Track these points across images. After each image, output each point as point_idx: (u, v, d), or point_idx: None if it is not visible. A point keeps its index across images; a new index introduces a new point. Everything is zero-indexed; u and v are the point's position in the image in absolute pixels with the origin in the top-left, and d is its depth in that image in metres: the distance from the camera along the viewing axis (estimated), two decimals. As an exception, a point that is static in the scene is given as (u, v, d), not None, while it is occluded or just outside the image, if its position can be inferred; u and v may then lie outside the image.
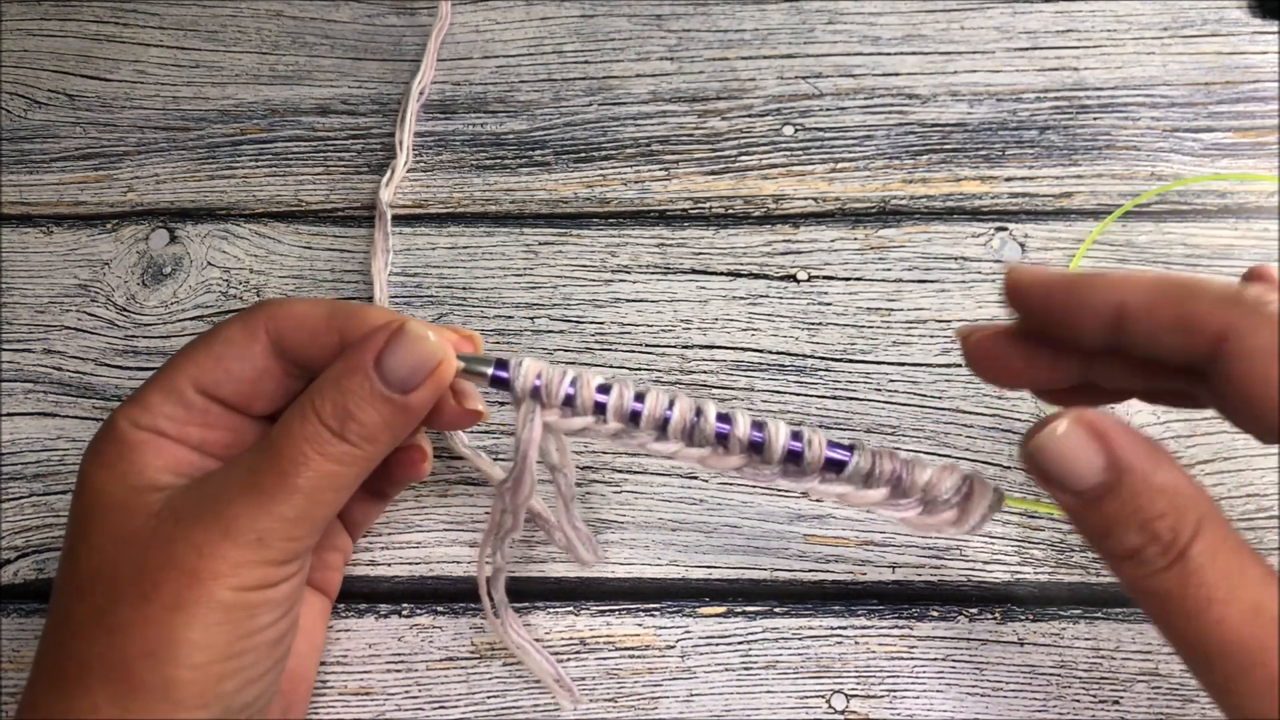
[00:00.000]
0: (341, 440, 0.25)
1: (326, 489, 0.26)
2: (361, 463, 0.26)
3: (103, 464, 0.26)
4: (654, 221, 0.41)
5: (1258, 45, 0.44)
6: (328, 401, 0.26)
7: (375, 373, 0.26)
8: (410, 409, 0.26)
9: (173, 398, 0.27)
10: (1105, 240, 0.40)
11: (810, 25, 0.45)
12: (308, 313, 0.28)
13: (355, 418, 0.25)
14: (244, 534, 0.25)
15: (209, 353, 0.27)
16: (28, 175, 0.43)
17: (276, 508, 0.25)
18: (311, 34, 0.46)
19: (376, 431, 0.26)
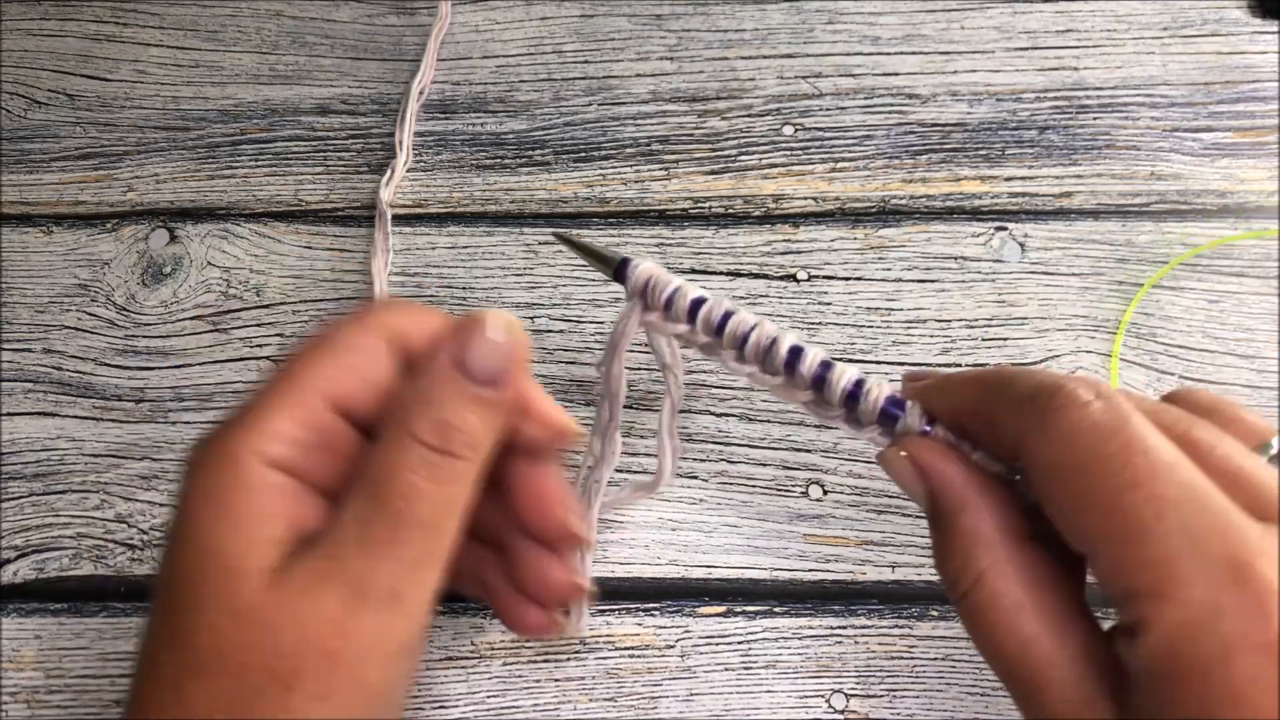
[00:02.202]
0: (449, 456, 0.23)
1: (445, 516, 0.23)
2: (472, 475, 0.24)
3: (219, 511, 0.23)
4: (654, 221, 0.41)
5: (1258, 45, 0.44)
6: (423, 420, 0.23)
7: (461, 373, 0.24)
8: (504, 402, 0.24)
9: (302, 418, 0.24)
10: (1105, 240, 0.40)
11: (810, 25, 0.45)
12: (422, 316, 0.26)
13: (456, 427, 0.23)
14: (376, 593, 0.22)
15: (337, 361, 0.24)
16: (28, 175, 0.43)
17: (399, 553, 0.22)
18: (311, 34, 0.46)
19: (479, 436, 0.24)
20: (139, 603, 0.35)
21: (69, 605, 0.35)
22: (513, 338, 0.24)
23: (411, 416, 0.23)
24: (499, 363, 0.24)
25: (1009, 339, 0.38)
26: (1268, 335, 0.38)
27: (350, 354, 0.25)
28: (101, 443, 0.37)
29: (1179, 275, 0.39)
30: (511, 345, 0.24)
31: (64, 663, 0.34)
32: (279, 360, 0.26)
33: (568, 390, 0.38)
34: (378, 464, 0.23)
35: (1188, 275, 0.39)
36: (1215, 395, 0.24)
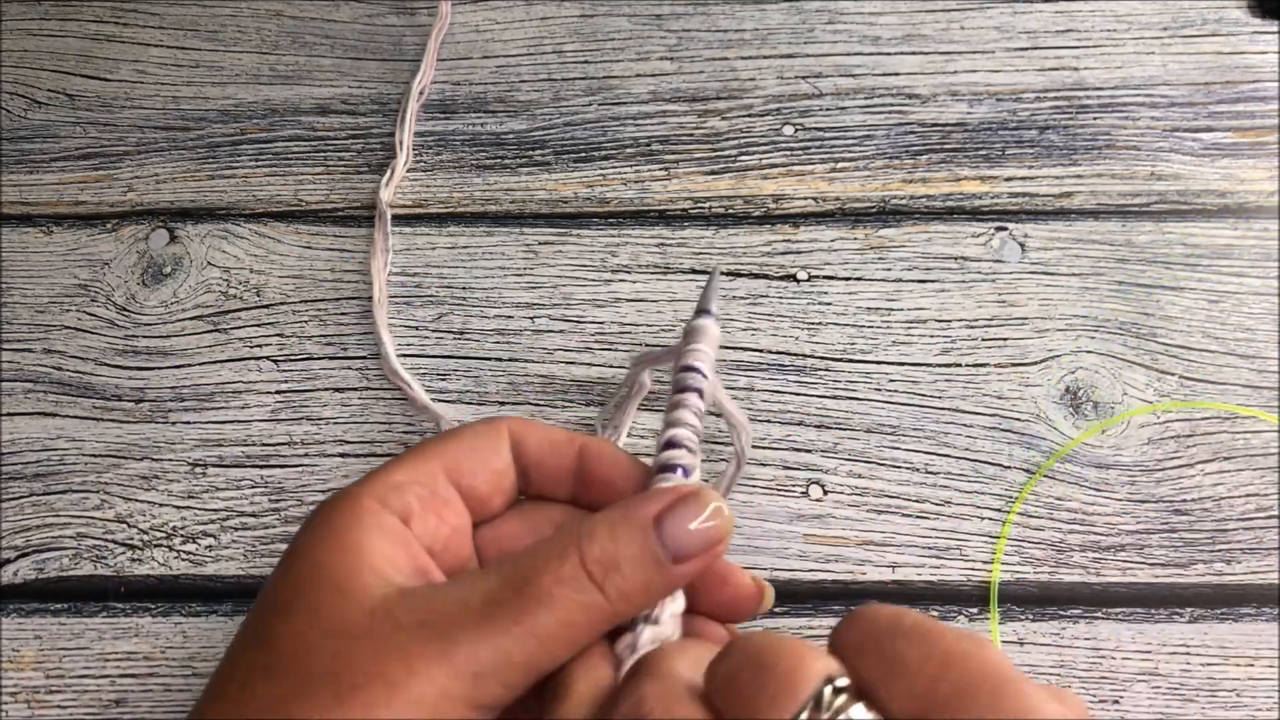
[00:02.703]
0: (598, 591, 0.23)
1: (562, 640, 0.23)
2: (606, 622, 0.24)
3: (333, 538, 0.24)
4: (654, 221, 0.41)
5: (1258, 45, 0.44)
6: (596, 545, 0.23)
7: (654, 528, 0.24)
8: (675, 577, 0.24)
9: (419, 477, 0.25)
10: (1105, 240, 0.40)
11: (810, 25, 0.45)
12: (546, 429, 0.28)
13: (621, 571, 0.23)
14: (463, 664, 0.22)
15: (459, 443, 0.27)
16: (28, 175, 0.43)
17: (506, 645, 0.22)
18: (311, 34, 0.46)
19: (635, 592, 0.24)
20: (139, 603, 0.35)
21: (69, 605, 0.35)
22: (723, 530, 0.24)
23: (589, 537, 0.24)
24: (696, 547, 0.24)
25: (1009, 339, 0.38)
26: (1268, 335, 0.38)
27: (470, 439, 0.27)
28: (101, 443, 0.37)
29: (1179, 275, 0.39)
30: (717, 533, 0.24)
31: (64, 663, 0.34)
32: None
33: (567, 390, 0.38)
34: (533, 557, 0.24)
35: (1188, 275, 0.39)
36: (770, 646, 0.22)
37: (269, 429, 0.37)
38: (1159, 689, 0.33)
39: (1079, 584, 0.34)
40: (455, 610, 0.23)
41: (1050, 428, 0.36)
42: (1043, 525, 0.35)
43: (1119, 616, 0.34)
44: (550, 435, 0.28)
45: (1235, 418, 0.37)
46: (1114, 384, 0.37)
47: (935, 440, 0.36)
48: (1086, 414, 0.37)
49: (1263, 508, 0.35)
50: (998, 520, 0.35)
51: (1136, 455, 0.36)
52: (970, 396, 0.37)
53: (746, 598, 0.27)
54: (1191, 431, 0.36)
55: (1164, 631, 0.33)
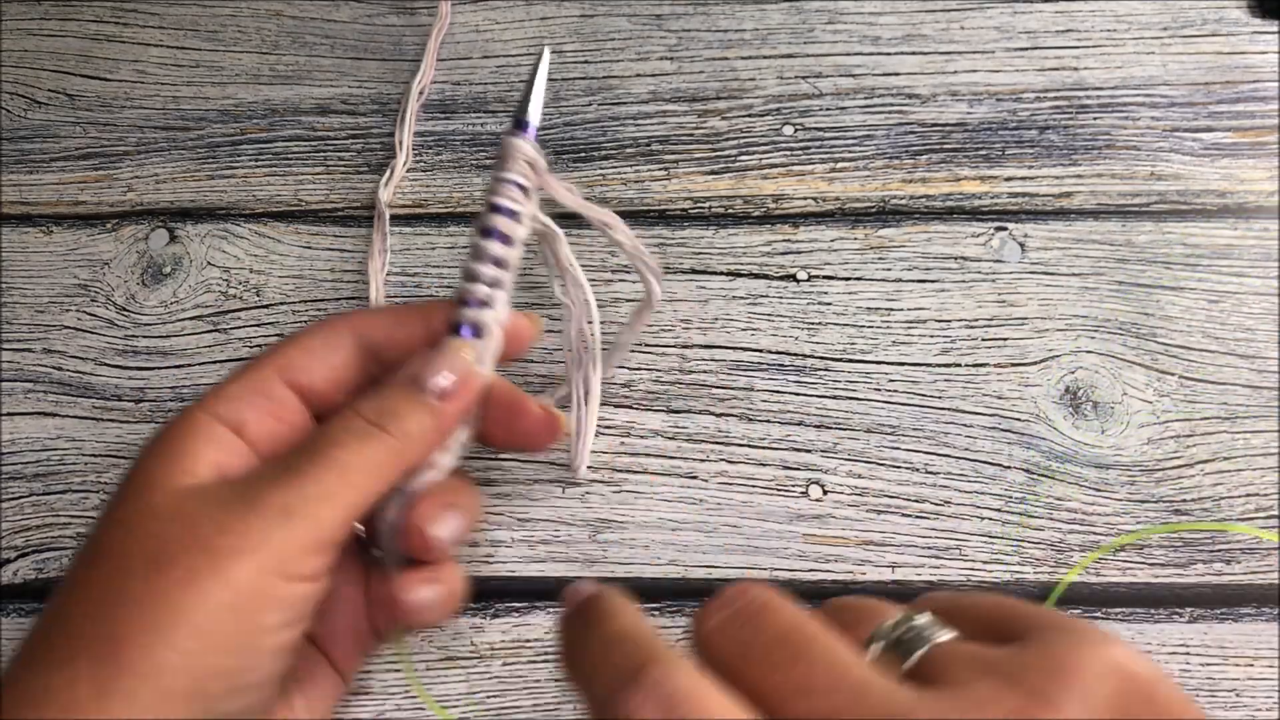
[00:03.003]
0: (381, 430, 0.27)
1: (358, 470, 0.26)
2: (396, 455, 0.27)
3: (161, 452, 0.26)
4: (654, 221, 0.41)
5: (1258, 45, 0.44)
6: (370, 403, 0.27)
7: (414, 383, 0.28)
8: (448, 413, 0.28)
9: (255, 386, 0.28)
10: (1105, 240, 0.40)
11: (810, 25, 0.45)
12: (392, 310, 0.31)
13: (396, 414, 0.27)
14: (270, 505, 0.24)
15: (296, 345, 0.29)
16: (28, 175, 0.43)
17: (307, 484, 0.25)
18: (311, 34, 0.46)
19: (416, 430, 0.27)
20: (139, 603, 0.35)
21: (69, 605, 0.35)
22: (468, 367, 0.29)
23: (363, 399, 0.28)
24: (452, 386, 0.28)
25: (1009, 339, 0.38)
26: (1268, 335, 0.38)
27: (314, 343, 0.29)
28: (101, 443, 0.37)
29: (1179, 275, 0.39)
30: (466, 372, 0.29)
31: (64, 663, 0.34)
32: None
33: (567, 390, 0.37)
34: (318, 430, 0.27)
35: (1188, 275, 0.39)
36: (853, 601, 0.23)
37: (269, 429, 0.37)
38: (1159, 689, 0.33)
39: (1079, 584, 0.34)
40: (258, 476, 0.26)
41: (1050, 428, 0.36)
42: (1043, 525, 0.35)
43: (1119, 617, 0.34)
44: (395, 315, 0.30)
45: (1235, 418, 0.37)
46: (1114, 384, 0.37)
47: (935, 440, 0.36)
48: (1086, 414, 0.37)
49: (1263, 508, 0.35)
50: (998, 520, 0.35)
51: (1136, 455, 0.36)
52: (970, 396, 0.37)
53: (540, 425, 0.31)
54: (1191, 432, 0.36)
55: (1164, 631, 0.33)
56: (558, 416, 0.31)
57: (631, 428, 0.37)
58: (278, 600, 0.24)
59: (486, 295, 0.30)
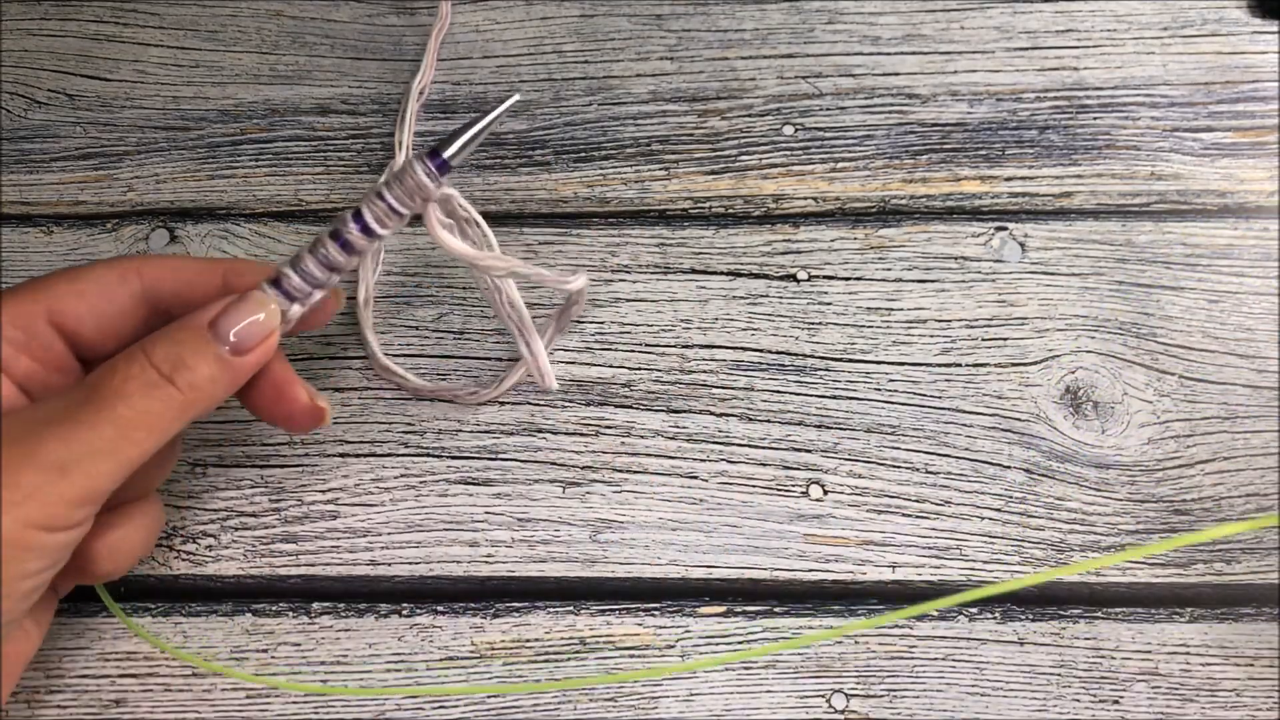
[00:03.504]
0: (169, 384, 0.26)
1: (141, 426, 0.25)
2: (182, 410, 0.26)
3: None
4: (654, 221, 0.41)
5: (1258, 45, 0.44)
6: (160, 348, 0.26)
7: (210, 331, 0.27)
8: (239, 368, 0.27)
9: (19, 320, 0.27)
10: (1105, 240, 0.40)
11: (810, 25, 0.45)
12: (183, 261, 0.29)
13: (187, 365, 0.26)
14: (48, 459, 0.24)
15: (72, 285, 0.27)
16: (28, 175, 0.43)
17: (86, 436, 0.24)
18: (311, 34, 0.46)
19: (204, 383, 0.27)
20: (139, 603, 0.35)
21: (69, 605, 0.35)
22: (267, 322, 0.28)
23: (154, 342, 0.27)
24: (249, 339, 0.27)
25: (1009, 339, 0.38)
26: (1268, 335, 0.38)
27: (87, 285, 0.28)
28: (101, 443, 0.37)
29: (1179, 275, 0.39)
30: (265, 328, 0.28)
31: (64, 663, 0.34)
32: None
33: (568, 390, 0.38)
34: (105, 364, 0.26)
35: (1188, 275, 0.39)
36: None
37: (269, 429, 0.37)
38: (1159, 689, 0.33)
39: (1079, 584, 0.34)
40: (35, 420, 0.25)
41: (1050, 428, 0.36)
42: (1043, 525, 0.35)
43: (1119, 616, 0.34)
44: (187, 268, 0.29)
45: (1235, 418, 0.37)
46: (1114, 384, 0.37)
47: (935, 440, 0.36)
48: (1086, 414, 0.37)
49: (1263, 508, 0.35)
50: (998, 520, 0.35)
51: (1136, 455, 0.36)
52: (970, 396, 0.37)
53: (304, 413, 0.30)
54: (1191, 431, 0.36)
55: (1164, 631, 0.33)
56: (323, 409, 0.31)
57: (631, 428, 0.37)
58: (39, 549, 0.25)
59: (305, 292, 0.29)
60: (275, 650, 0.34)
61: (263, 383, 0.29)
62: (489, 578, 0.35)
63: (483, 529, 0.35)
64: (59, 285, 0.28)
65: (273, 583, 0.35)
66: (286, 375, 0.30)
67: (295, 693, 0.33)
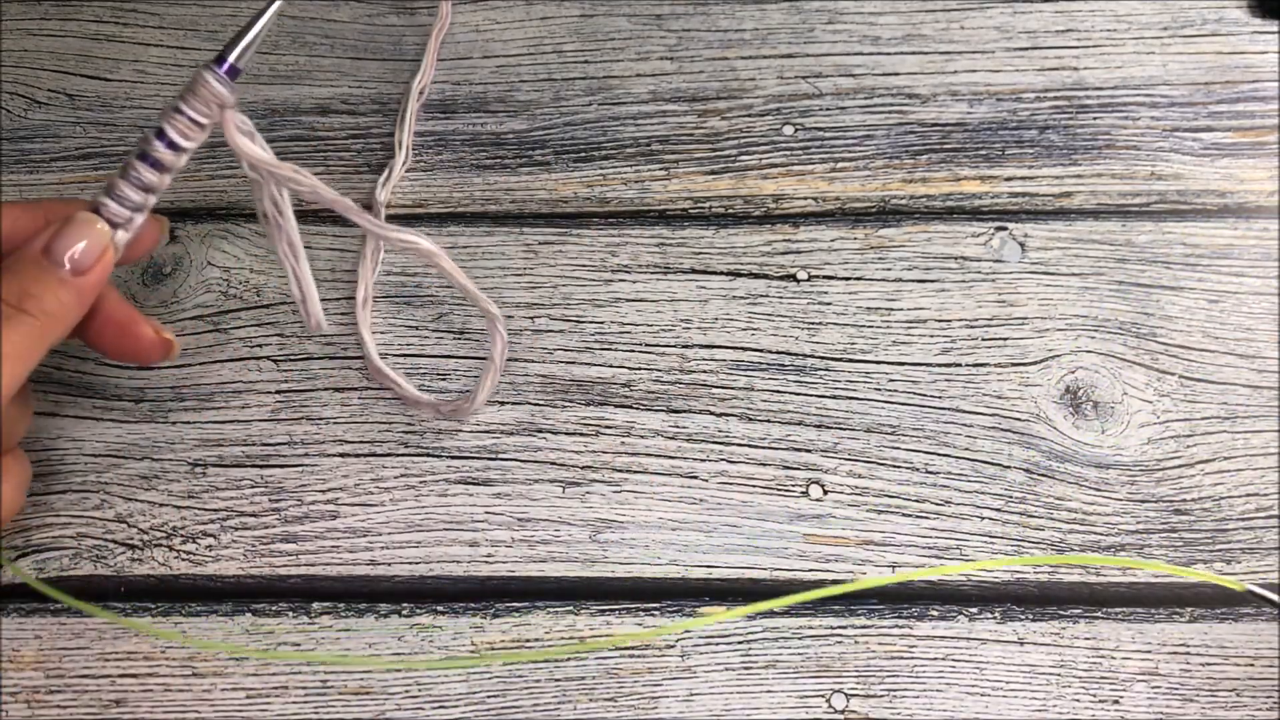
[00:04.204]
0: (22, 313, 0.27)
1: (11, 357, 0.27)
2: (40, 337, 0.28)
3: None
4: (654, 221, 0.41)
5: (1258, 45, 0.44)
6: (4, 284, 0.28)
7: (46, 256, 0.28)
8: (83, 287, 0.29)
9: None
10: (1105, 240, 0.40)
11: (810, 25, 0.45)
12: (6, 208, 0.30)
13: (33, 293, 0.28)
14: None
15: None
16: (28, 175, 0.43)
17: None
18: (311, 34, 0.46)
19: (55, 308, 0.28)
20: (139, 603, 0.35)
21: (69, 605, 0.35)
22: (101, 240, 0.29)
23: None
24: (84, 257, 0.29)
25: (1009, 339, 0.38)
26: (1268, 335, 0.38)
27: None
28: (101, 443, 0.37)
29: (1179, 275, 0.39)
30: (98, 245, 0.29)
31: (64, 663, 0.34)
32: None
33: (568, 390, 0.38)
34: None
35: (1188, 275, 0.39)
36: None
37: (269, 429, 0.37)
38: (1159, 689, 0.33)
39: (1079, 584, 0.34)
40: None
41: (1050, 428, 0.37)
42: (1043, 525, 0.35)
43: (1119, 616, 0.34)
44: (9, 212, 0.30)
45: (1235, 418, 0.37)
46: (1114, 384, 0.37)
47: (935, 440, 0.36)
48: (1086, 414, 0.37)
49: (1263, 508, 0.35)
50: (998, 520, 0.35)
51: (1136, 455, 0.36)
52: (970, 396, 0.37)
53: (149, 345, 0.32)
54: (1191, 431, 0.36)
55: (1164, 631, 0.33)
56: (170, 340, 0.32)
57: (631, 428, 0.37)
58: None
59: (125, 217, 0.30)
60: (275, 650, 0.34)
61: (104, 321, 0.31)
62: (489, 578, 0.35)
63: (483, 529, 0.35)
64: None
65: (273, 583, 0.35)
66: (129, 313, 0.32)
67: (295, 692, 0.33)
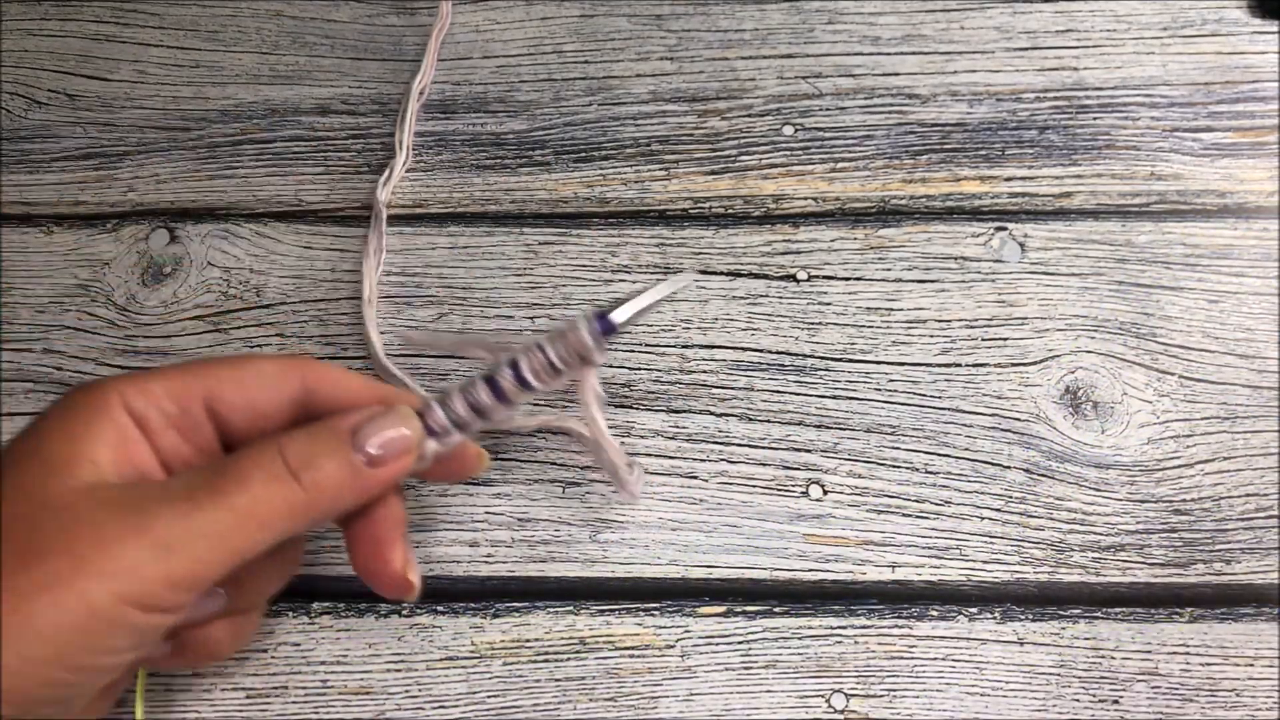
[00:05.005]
0: (293, 479, 0.25)
1: (254, 520, 0.24)
2: (301, 509, 0.25)
3: (64, 423, 0.25)
4: (654, 221, 0.41)
5: (1258, 45, 0.44)
6: (295, 444, 0.26)
7: (349, 437, 0.26)
8: (368, 480, 0.26)
9: (176, 397, 0.26)
10: (1105, 240, 0.40)
11: (810, 25, 0.45)
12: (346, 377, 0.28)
13: (316, 466, 0.25)
14: (157, 537, 0.23)
15: (235, 375, 0.27)
16: (28, 175, 0.43)
17: (199, 519, 0.24)
18: (311, 34, 0.46)
19: (330, 486, 0.26)
20: (139, 603, 0.35)
21: (69, 605, 0.35)
22: (410, 443, 0.27)
23: (290, 436, 0.26)
24: (385, 450, 0.26)
25: (1009, 339, 0.38)
26: (1268, 335, 0.38)
27: (249, 375, 0.27)
28: (101, 443, 0.37)
29: (1179, 275, 0.39)
30: (406, 443, 0.27)
31: (64, 663, 0.34)
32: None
33: (567, 390, 0.37)
34: (236, 453, 0.26)
35: (1188, 275, 0.39)
36: None
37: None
38: (1159, 689, 0.33)
39: (1079, 584, 0.34)
40: (156, 492, 0.24)
41: (1050, 428, 0.36)
42: (1043, 525, 0.35)
43: (1119, 616, 0.34)
44: (349, 381, 0.28)
45: (1235, 418, 0.37)
46: (1114, 384, 0.37)
47: (935, 440, 0.36)
48: (1086, 414, 0.37)
49: (1263, 508, 0.35)
50: (998, 520, 0.35)
51: (1136, 455, 0.36)
52: (970, 396, 0.37)
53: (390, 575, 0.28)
54: (1191, 431, 0.36)
55: (1164, 631, 0.33)
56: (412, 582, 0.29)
57: (631, 428, 0.37)
58: (130, 628, 0.23)
59: (446, 429, 0.28)
60: (275, 650, 0.34)
61: (366, 524, 0.28)
62: (489, 578, 0.35)
63: (483, 529, 0.35)
64: (223, 370, 0.27)
65: (273, 583, 0.35)
66: (392, 534, 0.28)
67: (295, 692, 0.33)
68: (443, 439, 0.28)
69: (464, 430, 0.28)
